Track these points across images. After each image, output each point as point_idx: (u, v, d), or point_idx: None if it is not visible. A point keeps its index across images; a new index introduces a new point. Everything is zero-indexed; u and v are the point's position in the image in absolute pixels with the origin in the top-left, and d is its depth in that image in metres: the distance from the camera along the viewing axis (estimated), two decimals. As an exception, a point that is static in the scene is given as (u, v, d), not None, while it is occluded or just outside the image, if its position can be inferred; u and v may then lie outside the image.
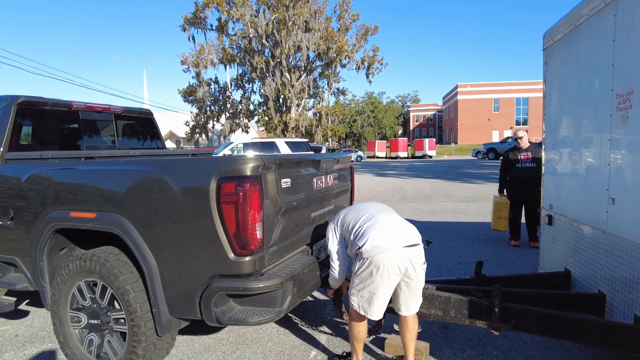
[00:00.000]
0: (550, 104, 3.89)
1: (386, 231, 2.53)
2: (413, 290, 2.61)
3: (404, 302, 2.64)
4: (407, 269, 2.50)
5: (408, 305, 2.66)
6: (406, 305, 2.65)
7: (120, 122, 4.68)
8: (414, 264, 2.51)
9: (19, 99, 3.55)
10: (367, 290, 2.54)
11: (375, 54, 37.29)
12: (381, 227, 2.55)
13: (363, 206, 2.83)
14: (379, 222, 2.58)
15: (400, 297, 2.63)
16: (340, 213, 2.85)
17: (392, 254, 2.45)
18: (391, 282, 2.51)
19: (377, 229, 2.53)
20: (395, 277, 2.51)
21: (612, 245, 2.73)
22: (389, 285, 2.52)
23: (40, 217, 2.93)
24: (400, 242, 2.49)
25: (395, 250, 2.46)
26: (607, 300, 2.80)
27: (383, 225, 2.57)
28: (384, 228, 2.55)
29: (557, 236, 3.67)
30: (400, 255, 2.46)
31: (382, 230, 2.53)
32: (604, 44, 2.83)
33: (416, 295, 2.65)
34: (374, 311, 2.56)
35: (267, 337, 3.43)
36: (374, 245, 2.47)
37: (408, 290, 2.60)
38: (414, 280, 2.57)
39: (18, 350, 3.28)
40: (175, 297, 2.50)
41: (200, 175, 2.38)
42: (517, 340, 3.26)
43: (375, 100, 73.46)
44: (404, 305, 2.65)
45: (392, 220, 2.64)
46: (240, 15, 33.67)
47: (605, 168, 2.80)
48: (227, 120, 39.34)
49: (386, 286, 2.51)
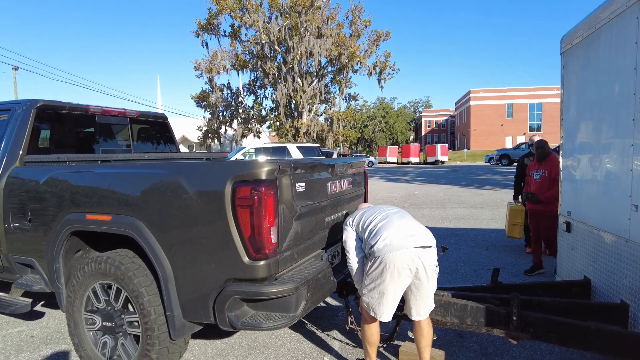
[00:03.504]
0: (569, 109, 3.82)
1: (399, 231, 2.53)
2: (423, 293, 2.57)
3: (415, 305, 2.61)
4: (418, 270, 2.47)
5: (419, 309, 2.62)
6: (417, 309, 2.61)
7: (135, 126, 4.73)
8: (425, 265, 2.48)
9: (38, 103, 3.61)
10: (377, 290, 2.53)
11: (387, 59, 37.33)
12: (395, 227, 2.55)
13: (380, 207, 2.85)
14: (393, 223, 2.59)
15: (411, 301, 2.60)
16: (358, 211, 2.88)
17: (403, 252, 2.44)
18: (401, 282, 2.49)
19: (391, 229, 2.54)
20: (406, 278, 2.48)
21: (635, 254, 2.65)
22: (399, 286, 2.49)
23: (57, 219, 2.97)
24: (412, 243, 2.48)
25: (407, 249, 2.45)
26: (631, 310, 2.71)
27: (397, 225, 2.57)
28: (398, 228, 2.55)
29: (575, 244, 3.59)
30: (412, 255, 2.45)
31: (395, 230, 2.54)
32: (626, 47, 2.76)
33: (427, 299, 2.61)
34: (383, 312, 2.54)
35: (279, 342, 3.41)
36: (385, 244, 2.48)
37: (418, 293, 2.57)
38: (425, 282, 2.54)
39: (33, 352, 3.31)
40: (189, 300, 2.50)
41: (215, 179, 2.38)
42: (535, 350, 3.19)
43: (387, 106, 73.27)
44: (415, 309, 2.62)
45: (406, 222, 2.63)
46: (253, 22, 34.04)
47: (628, 174, 2.72)
48: (239, 126, 39.64)
49: (396, 286, 2.49)
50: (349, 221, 2.82)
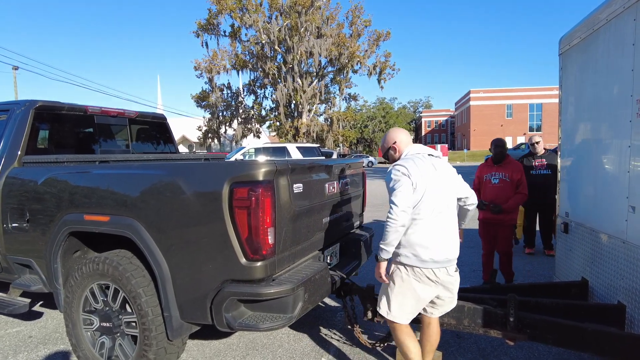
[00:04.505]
0: (567, 110, 3.83)
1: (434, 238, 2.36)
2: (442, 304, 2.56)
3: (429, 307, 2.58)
4: (443, 281, 2.41)
5: (433, 310, 2.60)
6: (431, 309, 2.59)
7: (134, 126, 4.73)
8: (449, 278, 2.43)
9: (37, 104, 3.61)
10: (399, 295, 2.44)
11: (387, 59, 37.25)
12: (432, 232, 2.36)
13: (440, 192, 2.42)
14: (432, 225, 2.36)
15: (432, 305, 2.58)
16: (413, 163, 2.39)
17: (430, 265, 2.35)
18: (425, 293, 2.42)
19: (428, 231, 2.35)
20: (432, 289, 2.42)
21: (632, 255, 2.65)
22: (422, 294, 2.42)
23: (55, 220, 2.97)
24: (442, 255, 2.37)
25: (434, 263, 2.36)
26: (628, 311, 2.72)
27: (435, 230, 2.37)
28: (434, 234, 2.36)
29: (573, 245, 3.59)
30: (439, 267, 2.37)
31: (431, 235, 2.35)
32: (624, 49, 2.77)
33: (444, 308, 2.60)
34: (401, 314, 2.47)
35: (277, 343, 3.41)
36: (416, 247, 2.34)
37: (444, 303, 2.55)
38: (447, 295, 2.51)
39: (32, 352, 3.32)
40: (187, 301, 2.50)
41: (213, 180, 2.38)
42: (533, 351, 3.19)
43: (387, 106, 73.26)
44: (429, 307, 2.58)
45: (446, 228, 2.42)
46: (253, 22, 33.99)
47: (625, 175, 2.73)
48: (239, 126, 39.61)
49: (418, 294, 2.41)
50: (404, 170, 2.34)
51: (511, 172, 4.40)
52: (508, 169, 4.44)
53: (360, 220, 3.99)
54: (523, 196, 4.40)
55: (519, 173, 4.41)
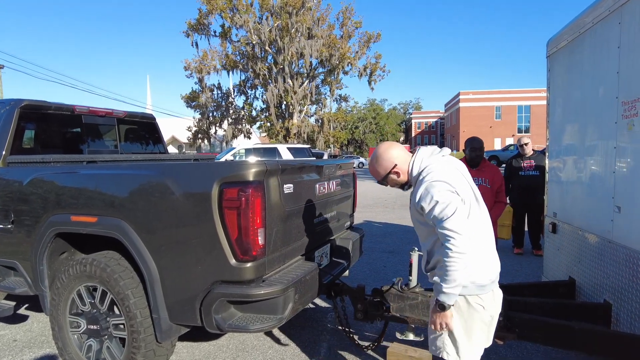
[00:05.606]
0: (555, 112, 3.88)
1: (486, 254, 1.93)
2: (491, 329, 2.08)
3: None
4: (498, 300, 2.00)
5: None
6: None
7: (123, 126, 4.68)
8: (499, 292, 2.03)
9: (23, 103, 3.55)
10: (466, 335, 1.94)
11: (377, 61, 37.41)
12: (482, 248, 1.90)
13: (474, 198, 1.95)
14: (481, 239, 1.90)
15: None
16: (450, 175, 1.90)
17: (491, 287, 1.93)
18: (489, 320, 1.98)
19: (479, 249, 1.88)
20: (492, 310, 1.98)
21: (618, 254, 2.69)
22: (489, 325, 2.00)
23: (41, 221, 2.92)
24: (496, 270, 1.97)
25: (492, 283, 1.93)
26: (613, 310, 2.76)
27: (484, 245, 1.92)
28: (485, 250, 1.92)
29: (561, 244, 3.64)
30: (493, 289, 1.95)
31: (482, 252, 1.89)
32: (609, 52, 2.81)
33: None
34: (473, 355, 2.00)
35: (268, 344, 3.40)
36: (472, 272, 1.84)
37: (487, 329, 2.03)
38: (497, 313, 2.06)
39: (16, 356, 3.25)
40: (176, 303, 2.48)
41: (202, 180, 2.36)
42: (522, 349, 3.22)
43: (377, 107, 73.66)
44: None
45: (489, 243, 1.97)
46: (244, 22, 33.87)
47: (611, 176, 2.77)
48: (230, 126, 39.41)
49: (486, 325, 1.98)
50: (448, 187, 1.81)
51: (491, 177, 4.08)
52: (487, 173, 4.10)
53: (351, 221, 4.00)
54: (503, 205, 4.16)
55: (500, 180, 4.12)
